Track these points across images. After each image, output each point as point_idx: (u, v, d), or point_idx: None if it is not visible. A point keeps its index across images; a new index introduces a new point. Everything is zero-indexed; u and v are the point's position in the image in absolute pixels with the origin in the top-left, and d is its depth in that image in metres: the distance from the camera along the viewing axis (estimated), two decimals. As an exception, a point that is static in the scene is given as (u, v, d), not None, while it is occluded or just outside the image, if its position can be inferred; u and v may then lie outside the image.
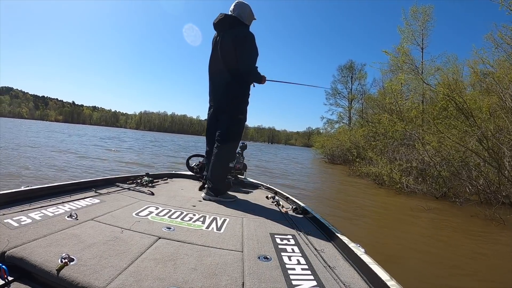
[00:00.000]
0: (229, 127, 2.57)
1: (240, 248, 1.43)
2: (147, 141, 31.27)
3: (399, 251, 3.92)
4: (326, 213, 5.68)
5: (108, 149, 15.63)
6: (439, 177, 8.76)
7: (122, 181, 2.72)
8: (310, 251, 1.45)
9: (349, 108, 35.63)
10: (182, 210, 2.02)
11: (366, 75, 35.99)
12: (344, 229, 4.70)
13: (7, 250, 1.10)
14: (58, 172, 7.18)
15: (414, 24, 18.93)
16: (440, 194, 8.58)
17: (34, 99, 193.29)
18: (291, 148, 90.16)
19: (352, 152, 16.88)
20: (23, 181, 5.64)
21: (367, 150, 14.41)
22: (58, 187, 2.07)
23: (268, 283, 1.09)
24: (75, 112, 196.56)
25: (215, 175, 2.49)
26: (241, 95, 2.61)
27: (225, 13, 2.59)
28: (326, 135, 28.86)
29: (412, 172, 10.12)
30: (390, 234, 4.73)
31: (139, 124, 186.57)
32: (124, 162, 10.73)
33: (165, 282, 1.02)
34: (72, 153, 11.62)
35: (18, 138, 16.54)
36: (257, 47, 2.57)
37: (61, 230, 1.37)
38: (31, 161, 8.24)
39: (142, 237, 1.41)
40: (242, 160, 3.51)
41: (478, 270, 3.54)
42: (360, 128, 20.65)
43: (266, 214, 2.12)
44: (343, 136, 21.19)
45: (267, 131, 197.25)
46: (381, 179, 10.04)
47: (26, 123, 63.17)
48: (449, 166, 8.44)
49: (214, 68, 2.69)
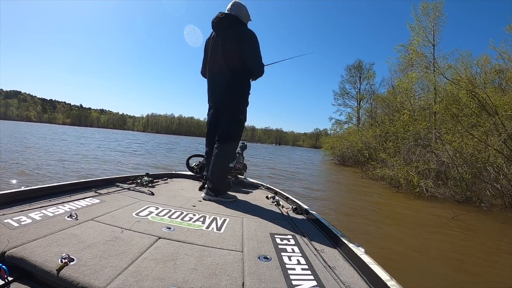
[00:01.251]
0: (229, 127, 2.57)
1: (240, 248, 1.42)
2: (161, 144, 31.12)
3: (430, 267, 3.37)
4: (343, 222, 5.15)
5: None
6: (462, 180, 8.11)
7: (122, 181, 2.71)
8: (310, 251, 1.45)
9: (357, 108, 35.04)
10: (182, 210, 2.01)
11: (374, 75, 35.31)
12: (365, 240, 4.20)
13: (7, 250, 1.09)
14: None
15: (424, 21, 18.31)
16: (463, 198, 7.94)
17: (42, 102, 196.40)
18: (299, 150, 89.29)
19: (363, 153, 16.18)
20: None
21: (379, 151, 13.86)
22: (58, 187, 2.08)
23: (268, 283, 1.09)
24: (82, 115, 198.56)
25: (215, 175, 2.49)
26: (241, 95, 2.60)
27: (225, 12, 2.57)
28: (336, 136, 27.94)
29: (430, 174, 9.56)
30: (417, 247, 4.14)
31: (146, 126, 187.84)
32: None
33: (165, 282, 1.02)
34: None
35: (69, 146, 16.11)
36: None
37: (61, 230, 1.37)
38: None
39: (142, 237, 1.41)
40: (242, 160, 3.50)
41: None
42: (371, 129, 20.01)
43: (266, 214, 2.12)
44: (354, 137, 20.40)
45: (274, 132, 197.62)
46: (397, 182, 9.35)
47: (52, 127, 64.10)
48: (471, 167, 7.87)
49: (213, 69, 2.64)
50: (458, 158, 8.16)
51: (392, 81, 28.30)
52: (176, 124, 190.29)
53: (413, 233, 4.91)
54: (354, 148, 19.76)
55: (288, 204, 2.50)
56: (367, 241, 4.06)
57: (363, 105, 34.44)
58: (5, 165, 7.57)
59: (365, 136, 18.28)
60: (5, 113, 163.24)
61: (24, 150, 11.54)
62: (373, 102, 30.88)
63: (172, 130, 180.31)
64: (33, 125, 76.16)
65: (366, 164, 14.90)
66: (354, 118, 34.30)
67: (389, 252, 3.81)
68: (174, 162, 12.65)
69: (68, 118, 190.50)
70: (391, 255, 3.70)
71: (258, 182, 3.41)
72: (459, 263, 3.69)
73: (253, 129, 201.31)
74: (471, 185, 8.01)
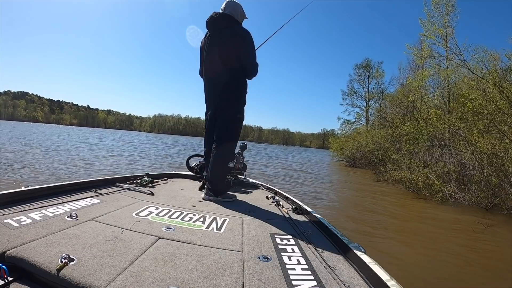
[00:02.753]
0: (227, 127, 2.56)
1: (240, 248, 1.41)
2: (174, 145, 30.89)
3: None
4: (362, 233, 4.56)
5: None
6: (488, 185, 7.37)
7: (122, 181, 2.70)
8: (310, 251, 1.44)
9: (366, 108, 34.26)
10: (182, 210, 2.01)
11: (383, 74, 34.66)
12: (390, 257, 3.59)
13: (7, 250, 1.09)
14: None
15: (436, 16, 17.51)
16: (491, 205, 7.20)
17: (50, 103, 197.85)
18: (307, 150, 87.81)
19: (376, 154, 15.39)
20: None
21: (392, 152, 13.11)
22: (58, 187, 2.07)
23: (268, 283, 1.08)
24: (89, 116, 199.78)
25: (215, 175, 2.48)
26: (238, 94, 2.59)
27: (220, 12, 2.54)
28: (345, 136, 27.02)
29: (451, 178, 8.88)
30: (455, 265, 3.52)
31: (153, 127, 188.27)
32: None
33: (165, 282, 1.01)
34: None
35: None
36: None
37: (61, 230, 1.36)
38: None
39: (142, 237, 1.40)
40: (242, 160, 3.46)
41: None
42: (382, 129, 19.21)
43: (266, 214, 2.12)
44: (364, 137, 19.52)
45: (281, 133, 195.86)
46: (416, 186, 8.57)
47: (60, 128, 64.90)
48: (497, 171, 7.17)
49: (209, 69, 2.62)
50: (483, 160, 7.46)
51: (401, 80, 27.69)
52: (183, 124, 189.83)
53: (446, 247, 4.21)
54: (365, 149, 18.87)
55: (288, 204, 2.49)
56: (399, 268, 3.45)
57: (372, 105, 33.81)
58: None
59: (377, 137, 17.43)
60: (12, 114, 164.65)
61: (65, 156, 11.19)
62: (381, 102, 30.17)
63: (179, 130, 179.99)
64: (40, 126, 76.72)
65: (379, 166, 14.21)
66: (363, 118, 33.71)
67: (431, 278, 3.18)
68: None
69: (75, 118, 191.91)
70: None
71: (258, 182, 3.38)
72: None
73: (260, 130, 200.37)
74: (499, 190, 7.29)
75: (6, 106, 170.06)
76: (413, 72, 22.52)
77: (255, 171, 11.77)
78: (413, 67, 24.03)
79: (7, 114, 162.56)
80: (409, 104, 18.37)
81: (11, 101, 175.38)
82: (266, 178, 10.05)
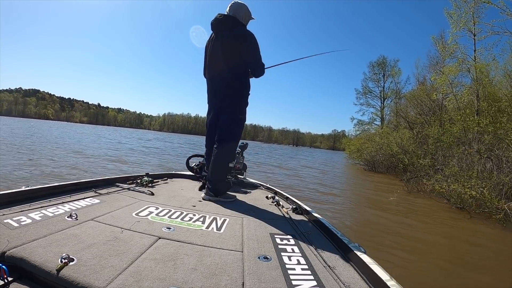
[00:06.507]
0: (229, 127, 2.55)
1: (240, 248, 1.40)
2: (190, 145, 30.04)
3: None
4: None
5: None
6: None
7: (122, 181, 2.67)
8: (310, 251, 1.42)
9: (381, 107, 32.56)
10: (182, 210, 1.99)
11: (400, 72, 32.77)
12: None
13: (7, 250, 1.08)
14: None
15: (463, 7, 15.74)
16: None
17: (60, 101, 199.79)
18: (317, 152, 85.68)
19: (401, 159, 13.66)
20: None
21: (419, 156, 11.54)
22: (58, 187, 2.05)
23: (268, 283, 1.07)
24: (99, 114, 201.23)
25: (215, 175, 2.47)
26: (241, 95, 2.58)
27: (224, 14, 2.57)
28: (361, 138, 25.09)
29: (501, 191, 7.29)
30: None
31: (163, 125, 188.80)
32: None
33: (165, 282, 1.00)
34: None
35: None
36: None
37: (61, 230, 1.35)
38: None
39: (142, 237, 1.39)
40: (242, 160, 3.45)
41: None
42: (404, 129, 17.54)
43: (266, 214, 2.10)
44: (385, 139, 17.69)
45: (291, 133, 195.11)
46: (465, 202, 6.85)
47: (75, 127, 64.72)
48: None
49: (213, 70, 2.64)
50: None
51: (418, 78, 25.87)
52: (192, 123, 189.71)
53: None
54: (386, 152, 17.05)
55: (288, 204, 2.47)
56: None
57: (388, 104, 32.02)
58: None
59: (401, 138, 15.67)
60: (23, 111, 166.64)
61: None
62: (398, 101, 28.34)
63: (188, 129, 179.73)
64: (53, 123, 76.92)
65: (404, 172, 12.52)
66: (378, 118, 32.01)
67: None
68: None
69: (85, 116, 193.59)
70: None
71: (258, 182, 3.38)
72: None
73: (270, 130, 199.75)
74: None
75: (17, 103, 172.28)
76: (433, 70, 20.92)
77: (268, 176, 10.38)
78: (433, 64, 22.45)
79: (18, 111, 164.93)
80: (431, 103, 16.90)
81: (21, 98, 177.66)
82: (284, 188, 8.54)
